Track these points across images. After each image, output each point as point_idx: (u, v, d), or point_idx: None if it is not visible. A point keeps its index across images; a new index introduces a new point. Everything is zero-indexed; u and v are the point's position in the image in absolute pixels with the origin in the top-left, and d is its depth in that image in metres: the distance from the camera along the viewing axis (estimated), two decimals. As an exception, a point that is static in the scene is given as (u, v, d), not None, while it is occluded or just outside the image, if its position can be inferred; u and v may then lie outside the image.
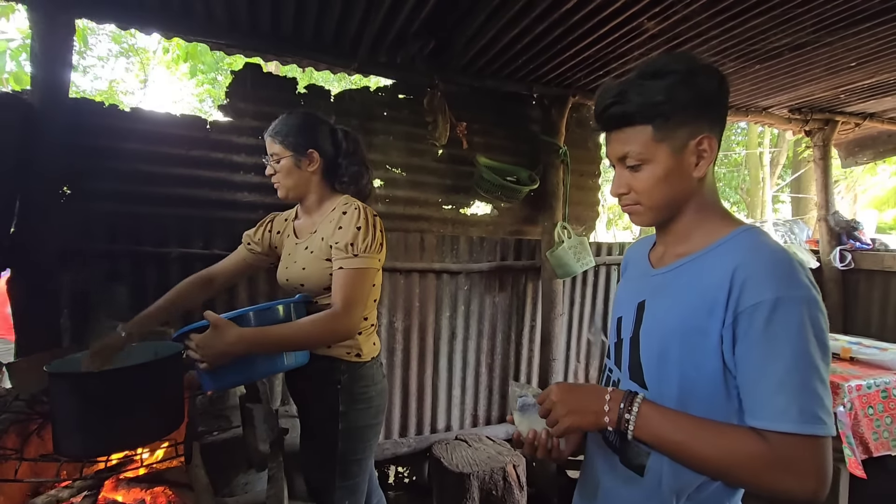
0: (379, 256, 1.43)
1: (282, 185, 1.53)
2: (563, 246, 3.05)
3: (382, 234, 1.45)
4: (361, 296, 1.38)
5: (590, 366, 3.66)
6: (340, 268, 1.38)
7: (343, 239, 1.39)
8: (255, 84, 2.67)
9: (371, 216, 1.44)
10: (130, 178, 2.41)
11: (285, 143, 1.48)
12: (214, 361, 1.21)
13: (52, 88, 2.18)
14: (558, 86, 3.14)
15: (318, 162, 1.51)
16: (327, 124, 1.57)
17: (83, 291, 2.34)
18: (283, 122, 1.51)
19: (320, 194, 1.56)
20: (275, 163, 1.51)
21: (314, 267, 1.47)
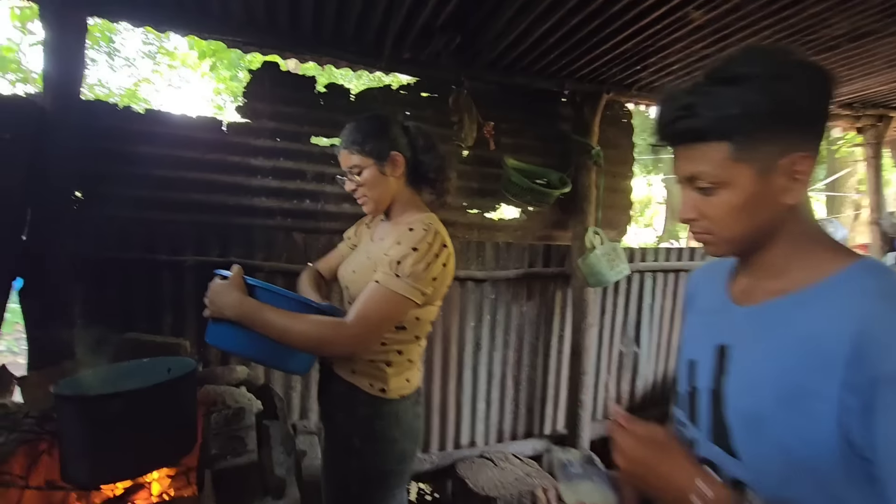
0: (424, 289, 1.23)
1: (369, 199, 1.36)
2: (595, 253, 2.87)
3: (443, 270, 1.27)
4: (381, 320, 1.22)
5: (621, 379, 3.46)
6: (376, 281, 1.23)
7: (394, 254, 1.24)
8: (274, 83, 2.55)
9: (438, 245, 1.25)
10: (144, 184, 2.31)
11: (365, 151, 1.32)
12: (213, 313, 1.21)
13: (64, 90, 2.10)
14: (591, 82, 2.96)
15: (402, 164, 1.36)
16: (398, 123, 1.40)
17: (97, 301, 2.25)
18: (355, 130, 1.35)
19: (405, 201, 1.40)
20: (356, 175, 1.34)
21: (362, 276, 1.33)
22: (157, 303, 2.34)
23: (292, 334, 1.17)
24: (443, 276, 1.28)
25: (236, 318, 1.17)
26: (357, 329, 1.20)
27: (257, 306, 1.18)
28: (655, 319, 3.51)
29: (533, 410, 3.21)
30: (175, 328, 2.38)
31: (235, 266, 1.24)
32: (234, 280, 1.21)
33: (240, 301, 1.18)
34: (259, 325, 1.17)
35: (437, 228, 1.29)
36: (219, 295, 1.20)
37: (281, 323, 1.17)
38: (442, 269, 1.27)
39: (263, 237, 2.51)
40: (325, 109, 2.64)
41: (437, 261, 1.25)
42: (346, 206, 2.69)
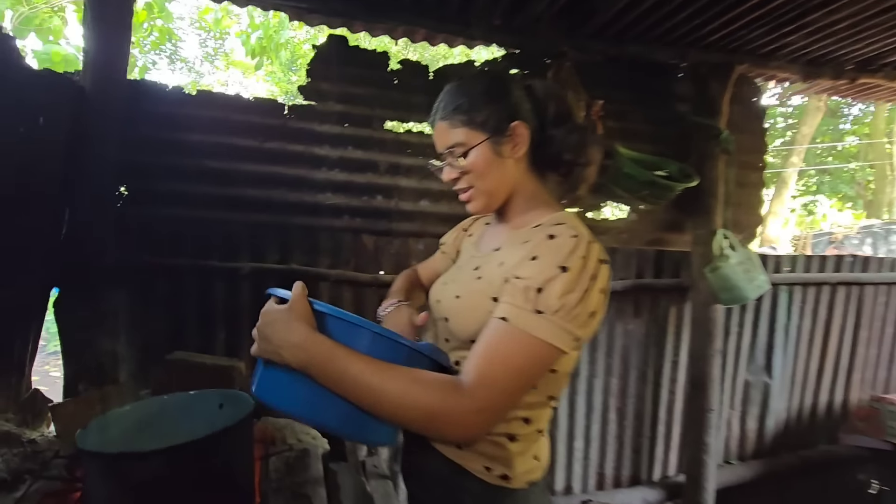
0: (577, 332, 0.77)
1: (479, 192, 0.93)
2: (729, 262, 2.29)
3: (601, 300, 0.81)
4: (517, 381, 0.76)
5: (746, 415, 2.83)
6: (503, 318, 0.77)
7: (531, 276, 0.78)
8: (341, 61, 2.17)
9: (595, 263, 0.79)
10: (195, 178, 1.99)
11: (473, 122, 0.89)
12: (264, 353, 0.78)
13: (107, 68, 1.79)
14: (721, 50, 2.39)
15: (527, 140, 0.91)
16: (518, 81, 0.95)
17: (142, 314, 1.94)
18: (458, 92, 0.91)
19: (529, 194, 0.95)
20: (458, 158, 0.91)
21: (472, 302, 0.88)
22: (208, 316, 2.01)
23: (384, 399, 0.74)
24: (601, 309, 0.80)
25: (300, 365, 0.74)
26: (481, 400, 0.74)
27: (331, 349, 0.75)
28: (791, 343, 2.86)
29: (640, 451, 2.65)
30: (229, 345, 2.03)
31: (298, 284, 0.80)
32: (296, 305, 0.77)
33: (306, 339, 0.75)
34: (333, 379, 0.74)
35: (589, 236, 0.80)
36: (275, 327, 0.77)
37: (367, 380, 0.73)
38: (600, 300, 0.80)
39: (329, 240, 2.12)
40: (400, 90, 2.24)
41: (595, 287, 0.78)
42: (425, 204, 2.26)
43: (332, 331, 0.76)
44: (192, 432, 1.46)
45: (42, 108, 1.64)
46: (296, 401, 0.76)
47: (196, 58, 11.85)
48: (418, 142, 2.25)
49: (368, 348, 0.75)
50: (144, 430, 1.38)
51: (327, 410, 0.75)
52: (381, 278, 2.17)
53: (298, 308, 0.76)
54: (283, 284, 2.02)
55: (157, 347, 1.89)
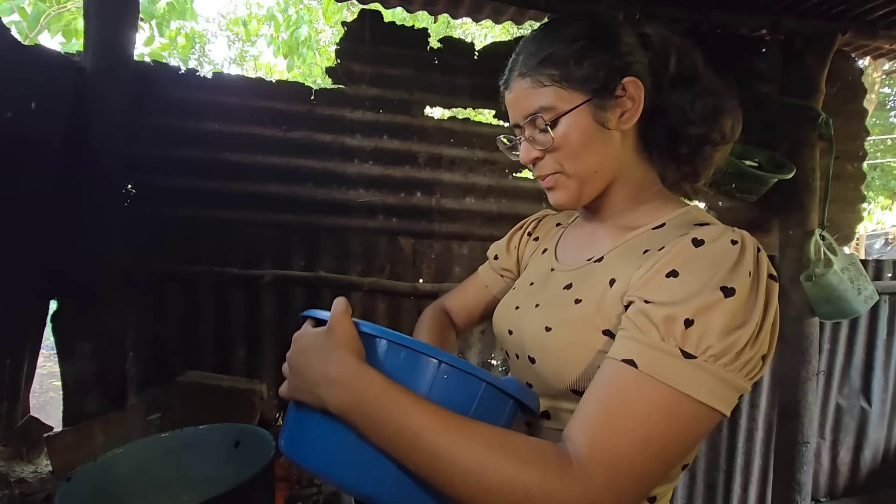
0: (747, 386, 0.51)
1: (570, 177, 0.66)
2: (834, 269, 1.92)
3: (773, 332, 0.53)
4: (649, 458, 0.48)
5: (839, 445, 2.44)
6: (629, 362, 0.50)
7: (674, 300, 0.50)
8: (375, 39, 1.89)
9: (766, 277, 0.53)
10: (212, 172, 1.74)
11: (569, 77, 0.62)
12: (296, 388, 0.55)
13: (111, 47, 1.56)
14: (820, 17, 2.02)
15: (642, 102, 0.63)
16: (629, 28, 0.67)
17: (152, 329, 1.71)
18: (545, 38, 0.65)
19: (637, 180, 0.68)
20: (543, 129, 0.64)
21: (573, 337, 0.61)
22: (226, 330, 1.76)
23: (455, 471, 0.48)
24: (773, 346, 0.54)
25: (341, 409, 0.51)
26: (599, 485, 0.47)
27: (384, 390, 0.50)
28: (893, 362, 2.45)
29: (715, 486, 2.30)
30: (249, 364, 1.79)
31: (340, 300, 0.55)
32: (337, 327, 0.52)
33: (351, 373, 0.51)
34: (385, 434, 0.49)
35: (754, 241, 0.54)
36: (310, 358, 0.54)
37: (433, 441, 0.48)
38: (773, 333, 0.53)
39: (361, 243, 1.86)
40: (441, 71, 1.95)
41: (769, 316, 0.52)
42: (471, 202, 1.97)
43: (382, 360, 0.53)
44: (200, 480, 1.20)
45: (34, 90, 1.41)
46: (335, 460, 0.53)
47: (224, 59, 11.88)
48: (463, 130, 1.95)
49: (430, 385, 0.52)
50: (144, 475, 1.13)
51: (377, 475, 0.51)
52: (420, 287, 1.89)
53: (341, 331, 0.52)
54: (309, 294, 1.73)
55: (168, 367, 1.67)
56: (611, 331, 0.57)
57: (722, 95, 0.66)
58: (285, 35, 5.99)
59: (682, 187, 0.72)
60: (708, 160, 0.68)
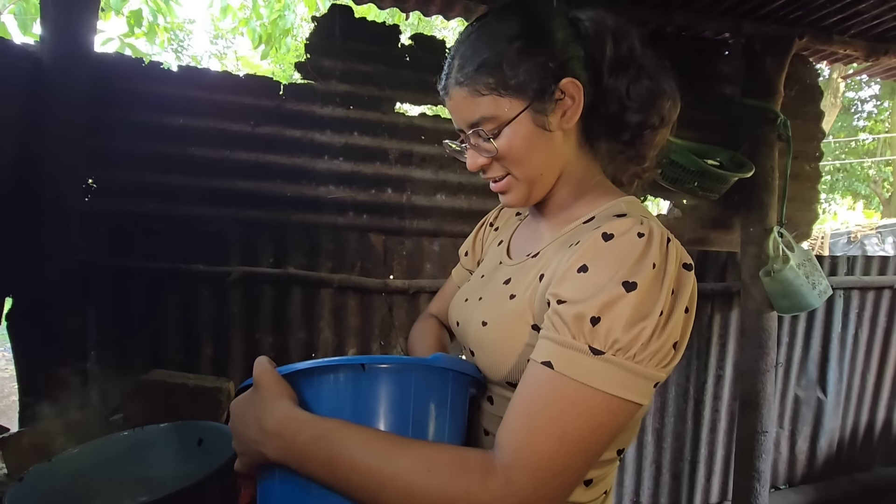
0: (660, 375, 0.53)
1: (519, 181, 0.67)
2: (790, 265, 2.00)
3: (687, 321, 0.55)
4: (571, 454, 0.51)
5: (797, 434, 2.54)
6: (546, 364, 0.52)
7: (581, 297, 0.53)
8: (346, 34, 1.88)
9: (675, 266, 0.54)
10: (177, 167, 1.71)
11: (505, 84, 0.61)
12: (245, 455, 0.56)
13: (70, 37, 1.52)
14: (778, 22, 2.09)
15: (581, 100, 0.63)
16: (560, 13, 0.65)
17: (114, 327, 1.67)
18: (479, 41, 0.63)
19: (579, 174, 0.69)
20: (488, 138, 0.64)
21: (504, 332, 0.63)
22: (193, 328, 1.73)
23: (388, 496, 0.50)
24: (686, 335, 0.55)
25: (280, 459, 0.52)
26: (523, 488, 0.49)
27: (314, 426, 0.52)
28: (847, 354, 2.56)
29: (680, 476, 2.37)
30: (216, 362, 1.76)
31: (260, 359, 0.57)
32: (262, 380, 0.55)
33: (281, 418, 0.53)
34: (324, 474, 0.51)
35: (662, 231, 0.55)
36: (245, 419, 0.55)
37: (364, 471, 0.50)
38: (685, 323, 0.55)
39: (331, 240, 1.85)
40: (413, 68, 1.95)
41: (678, 305, 0.54)
42: (442, 198, 1.98)
43: (311, 393, 0.54)
44: (163, 478, 1.19)
45: (-14, 81, 1.37)
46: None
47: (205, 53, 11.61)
48: (434, 127, 1.96)
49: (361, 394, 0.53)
50: (103, 474, 1.12)
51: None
52: (391, 283, 1.89)
53: (266, 382, 0.54)
54: (278, 291, 1.72)
55: (132, 365, 1.63)
56: (538, 325, 0.59)
57: (659, 77, 0.65)
58: (265, 21, 5.81)
59: (630, 172, 0.72)
60: (649, 143, 0.68)
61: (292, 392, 0.54)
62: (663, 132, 0.68)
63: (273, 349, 1.80)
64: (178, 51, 10.69)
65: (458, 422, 0.60)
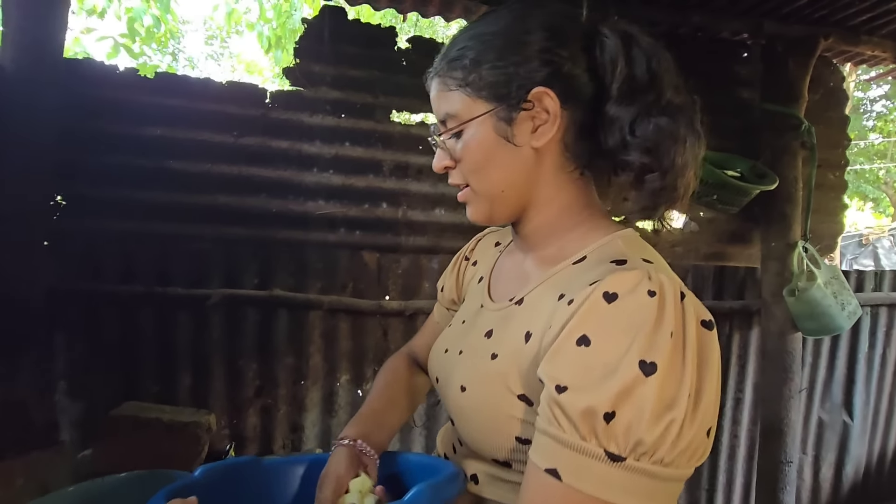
0: (690, 471, 0.42)
1: (478, 193, 0.58)
2: (817, 283, 1.85)
3: (716, 391, 0.44)
4: None
5: (820, 461, 2.38)
6: (551, 472, 0.42)
7: (586, 385, 0.41)
8: (337, 36, 1.76)
9: (695, 329, 0.43)
10: (153, 181, 1.59)
11: (473, 81, 0.55)
12: None
13: (37, 43, 1.40)
14: (802, 21, 1.95)
15: (558, 117, 0.53)
16: (577, 25, 0.55)
17: (86, 356, 1.54)
18: (465, 34, 0.58)
19: (564, 202, 0.58)
20: (451, 137, 0.57)
21: (486, 401, 0.54)
22: (170, 356, 1.61)
23: None
24: (717, 406, 0.45)
25: None
26: None
27: None
28: (875, 375, 2.40)
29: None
30: (195, 394, 1.64)
31: None
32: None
33: None
34: None
35: (675, 284, 0.45)
36: None
37: None
38: (715, 393, 0.44)
39: (321, 258, 1.72)
40: (409, 73, 1.82)
41: (708, 379, 0.43)
42: (440, 213, 1.85)
43: None
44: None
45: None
46: None
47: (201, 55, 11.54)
48: (432, 136, 1.83)
49: None
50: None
51: None
52: (386, 305, 1.76)
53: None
54: (262, 314, 1.58)
55: (105, 398, 1.51)
56: (527, 396, 0.49)
57: (679, 118, 0.52)
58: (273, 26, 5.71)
59: (639, 217, 0.58)
60: (660, 193, 0.53)
61: None
62: (678, 181, 0.52)
63: (258, 377, 1.67)
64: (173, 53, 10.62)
65: None
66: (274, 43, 5.81)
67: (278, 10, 5.64)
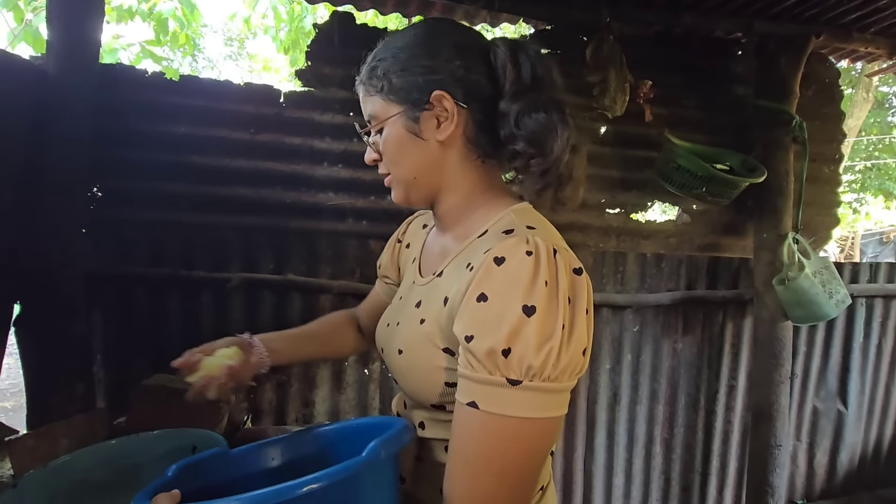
0: (573, 383, 0.55)
1: (396, 180, 0.70)
2: (806, 273, 1.92)
3: (587, 323, 0.56)
4: (516, 483, 0.54)
5: (815, 448, 2.44)
6: (472, 405, 0.53)
7: (487, 332, 0.53)
8: (346, 40, 1.89)
9: (567, 277, 0.55)
10: (179, 175, 1.74)
11: (387, 88, 0.66)
12: None
13: (76, 50, 1.55)
14: (794, 20, 2.01)
15: (455, 116, 0.64)
16: (473, 36, 0.68)
17: (118, 333, 1.70)
18: (384, 47, 0.70)
19: (469, 186, 0.69)
20: (375, 134, 0.70)
21: (418, 359, 0.65)
22: (194, 333, 1.75)
23: None
24: (590, 336, 0.57)
25: None
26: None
27: None
28: (870, 365, 2.45)
29: (690, 489, 2.30)
30: (217, 368, 1.78)
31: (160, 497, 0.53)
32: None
33: None
34: None
35: (547, 242, 0.55)
36: None
37: None
38: (587, 326, 0.56)
39: (331, 246, 1.85)
40: (413, 73, 1.93)
41: (578, 314, 0.55)
42: (441, 205, 1.96)
43: None
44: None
45: (-7, 94, 1.41)
46: None
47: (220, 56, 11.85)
48: (434, 133, 1.95)
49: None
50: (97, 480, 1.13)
51: None
52: (390, 290, 1.89)
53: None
54: (277, 297, 1.73)
55: (136, 370, 1.66)
56: (449, 348, 0.60)
57: (553, 113, 0.63)
58: (288, 28, 5.88)
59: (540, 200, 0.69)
60: (546, 175, 0.64)
61: None
62: (558, 164, 0.64)
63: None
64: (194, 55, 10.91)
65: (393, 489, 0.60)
66: (289, 45, 5.99)
67: (291, 13, 5.81)
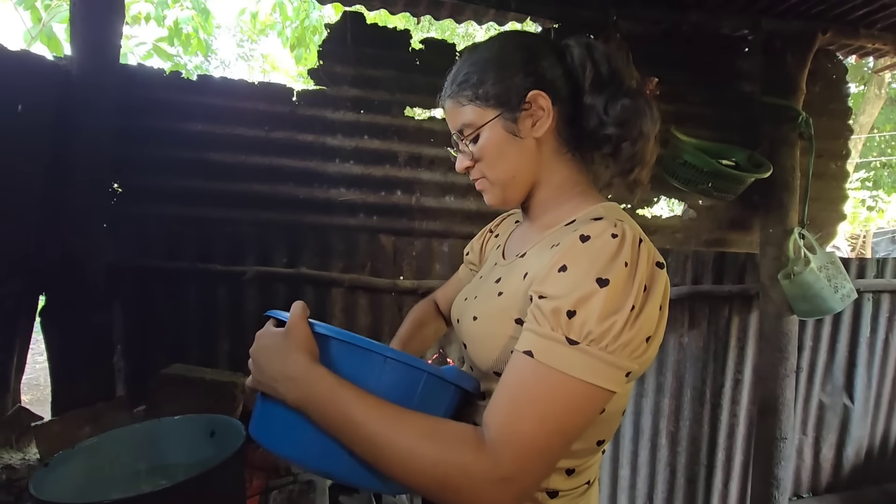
0: (632, 366, 0.57)
1: (492, 182, 0.74)
2: (810, 267, 1.94)
3: (660, 317, 0.60)
4: (551, 436, 0.56)
5: (822, 442, 2.46)
6: (527, 353, 0.57)
7: (560, 293, 0.57)
8: (357, 40, 1.93)
9: (647, 267, 0.58)
10: (196, 171, 1.79)
11: (481, 95, 0.71)
12: (258, 382, 0.64)
13: (97, 52, 1.61)
14: (801, 17, 2.03)
15: (551, 112, 0.69)
16: (548, 43, 0.74)
17: (138, 323, 1.76)
18: (466, 61, 0.74)
19: (559, 182, 0.74)
20: (469, 142, 0.73)
21: (491, 327, 0.69)
22: (211, 325, 1.82)
23: (392, 457, 0.56)
24: (660, 330, 0.60)
25: (296, 404, 0.60)
26: (507, 464, 0.54)
27: (332, 388, 0.58)
28: (877, 360, 2.46)
29: (696, 481, 2.33)
30: (233, 358, 1.84)
31: (297, 304, 0.63)
32: (294, 330, 0.61)
33: (303, 372, 0.59)
34: (334, 425, 0.58)
35: (635, 233, 0.59)
36: (269, 355, 0.62)
37: (373, 431, 0.57)
38: (658, 318, 0.59)
39: (342, 240, 1.90)
40: (423, 72, 1.98)
41: (650, 302, 0.58)
42: (450, 200, 2.00)
43: (335, 358, 0.61)
44: (177, 467, 1.25)
45: (21, 94, 1.47)
46: (296, 445, 0.62)
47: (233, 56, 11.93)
48: (443, 130, 1.99)
49: (378, 377, 0.61)
50: (121, 462, 1.19)
51: (334, 458, 0.60)
52: (400, 283, 1.93)
53: (297, 333, 0.61)
54: (291, 290, 1.78)
55: (155, 359, 1.72)
56: (521, 319, 0.63)
57: (639, 97, 0.70)
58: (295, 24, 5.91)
59: (618, 184, 0.75)
60: (634, 158, 0.71)
61: (316, 349, 0.60)
62: (645, 146, 0.71)
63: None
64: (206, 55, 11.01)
65: None
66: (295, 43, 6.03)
67: (297, 10, 5.86)
